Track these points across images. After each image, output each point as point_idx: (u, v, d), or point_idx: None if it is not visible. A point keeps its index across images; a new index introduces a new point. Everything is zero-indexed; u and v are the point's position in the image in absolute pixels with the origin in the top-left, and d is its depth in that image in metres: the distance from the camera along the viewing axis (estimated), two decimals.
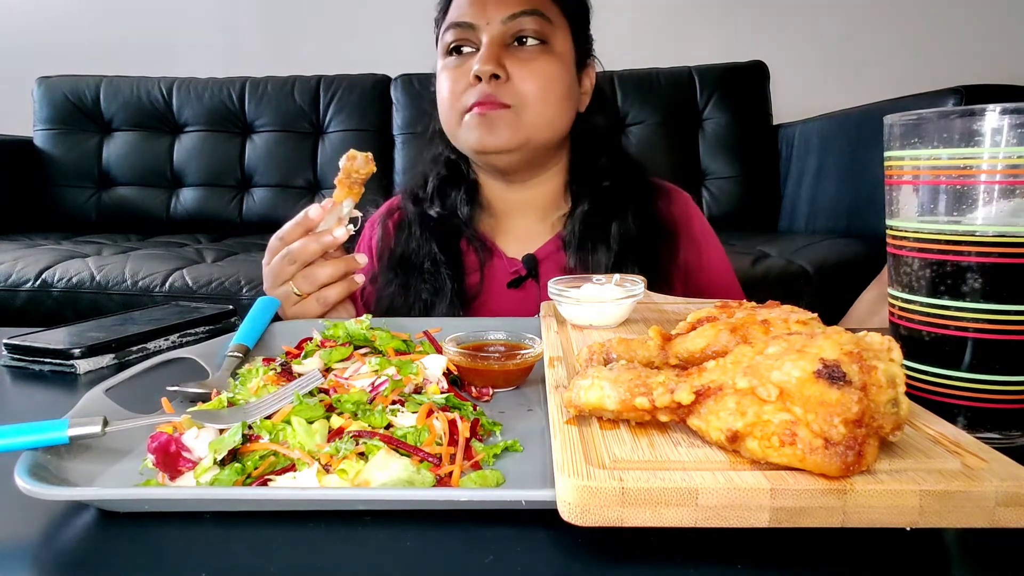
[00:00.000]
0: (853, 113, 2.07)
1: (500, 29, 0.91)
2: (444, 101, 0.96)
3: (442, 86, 0.96)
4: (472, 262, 1.00)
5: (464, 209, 1.01)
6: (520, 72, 0.91)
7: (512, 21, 0.91)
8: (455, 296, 0.96)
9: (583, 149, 1.02)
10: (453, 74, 0.94)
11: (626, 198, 0.99)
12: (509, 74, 0.91)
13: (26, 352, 0.73)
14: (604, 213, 0.97)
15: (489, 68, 0.89)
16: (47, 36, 2.99)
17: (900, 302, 0.52)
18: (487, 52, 0.90)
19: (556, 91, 0.94)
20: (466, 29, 0.93)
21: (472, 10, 0.92)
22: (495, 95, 0.90)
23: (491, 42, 0.91)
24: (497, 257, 1.02)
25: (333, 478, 0.43)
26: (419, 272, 0.98)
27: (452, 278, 0.97)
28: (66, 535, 0.39)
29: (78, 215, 2.65)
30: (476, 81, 0.91)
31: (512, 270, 1.01)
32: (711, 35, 2.75)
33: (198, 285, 1.81)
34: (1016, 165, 0.45)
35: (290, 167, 2.61)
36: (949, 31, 2.69)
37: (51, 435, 0.43)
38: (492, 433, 0.52)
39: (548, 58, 0.93)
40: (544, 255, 1.01)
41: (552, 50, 0.93)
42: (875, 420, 0.35)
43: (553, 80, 0.93)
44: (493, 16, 0.91)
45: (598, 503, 0.33)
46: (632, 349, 0.50)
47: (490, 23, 0.91)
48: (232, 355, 0.65)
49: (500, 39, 0.91)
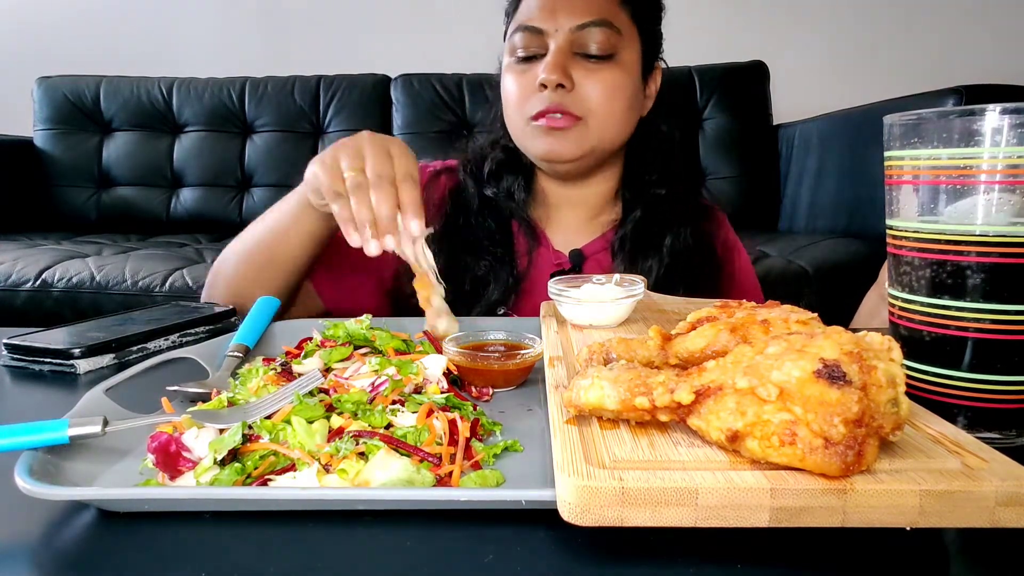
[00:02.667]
0: (853, 113, 2.07)
1: (568, 37, 0.90)
2: (510, 104, 0.96)
3: (508, 88, 0.96)
4: (521, 246, 1.01)
5: (520, 195, 1.02)
6: (586, 82, 0.91)
7: (581, 31, 0.90)
8: (511, 275, 0.97)
9: (640, 154, 1.02)
10: (519, 79, 0.94)
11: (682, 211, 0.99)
12: (575, 83, 0.90)
13: (26, 352, 0.73)
14: (658, 223, 0.97)
15: (555, 77, 0.88)
16: (47, 36, 2.99)
17: (900, 302, 0.52)
18: (553, 60, 0.89)
19: (621, 102, 0.93)
20: (534, 34, 0.92)
21: (542, 15, 0.91)
22: (562, 104, 0.90)
23: (558, 50, 0.90)
24: (544, 246, 1.03)
25: (333, 478, 0.43)
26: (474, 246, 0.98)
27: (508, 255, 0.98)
28: (66, 535, 0.39)
29: (78, 215, 2.65)
30: (542, 88, 0.90)
31: (556, 262, 1.02)
32: (711, 35, 2.75)
33: (198, 285, 1.81)
34: (1016, 165, 0.45)
35: (290, 167, 2.61)
36: (949, 31, 2.69)
37: (51, 435, 0.43)
38: (492, 433, 0.52)
39: (614, 68, 0.92)
40: (590, 252, 1.02)
41: (619, 60, 0.92)
42: (875, 420, 0.35)
43: (619, 91, 0.92)
44: (563, 24, 0.90)
45: (598, 503, 0.33)
46: (632, 349, 0.50)
47: (559, 30, 0.90)
48: (232, 355, 0.65)
49: (567, 47, 0.91)
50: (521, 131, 0.96)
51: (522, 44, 0.93)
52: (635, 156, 1.02)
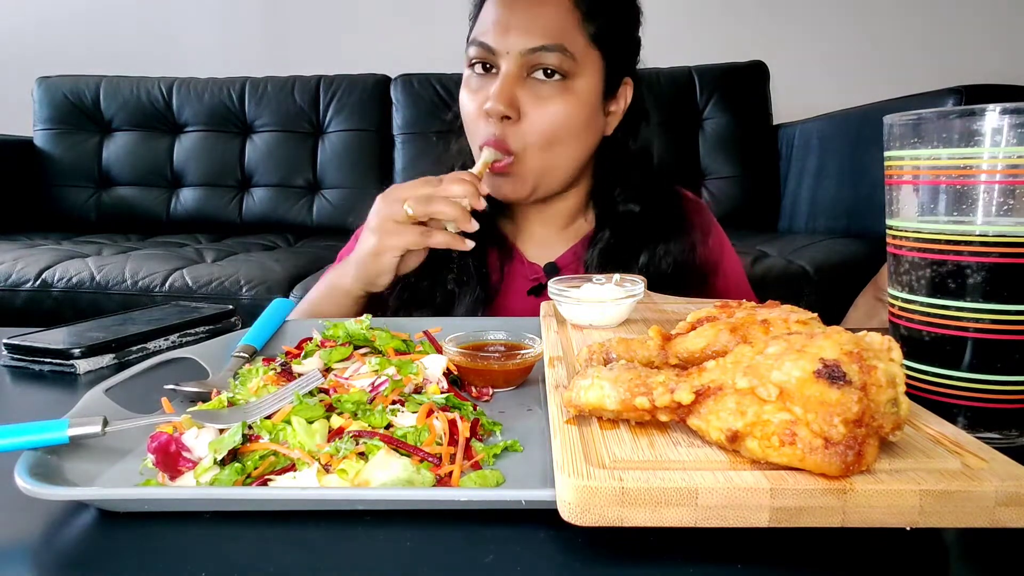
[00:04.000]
0: (853, 113, 2.07)
1: (519, 61, 0.87)
2: (465, 122, 0.95)
3: (462, 105, 0.95)
4: (493, 261, 1.00)
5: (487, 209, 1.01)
6: (533, 111, 0.87)
7: (532, 55, 0.86)
8: (481, 288, 0.96)
9: (607, 169, 1.00)
10: (472, 98, 0.92)
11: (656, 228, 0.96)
12: (521, 113, 0.88)
13: (26, 352, 0.73)
14: (630, 242, 0.95)
15: (500, 109, 0.86)
16: (47, 36, 2.99)
17: (900, 302, 0.52)
18: (500, 88, 0.86)
19: (569, 133, 0.90)
20: (487, 51, 0.90)
21: (494, 34, 0.88)
22: (503, 138, 0.88)
23: (507, 76, 0.87)
24: (517, 260, 1.02)
25: (333, 478, 0.43)
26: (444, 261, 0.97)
27: (477, 269, 0.97)
28: (66, 535, 0.39)
29: (78, 215, 2.65)
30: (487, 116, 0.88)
31: (532, 276, 1.00)
32: (711, 35, 2.75)
33: (198, 285, 1.81)
34: (1016, 165, 0.45)
35: (290, 167, 2.61)
36: (949, 31, 2.69)
37: (51, 435, 0.43)
38: (492, 433, 0.52)
39: (566, 98, 0.88)
40: (564, 264, 1.01)
41: (572, 88, 0.88)
42: (875, 420, 0.35)
43: (566, 122, 0.89)
44: (514, 45, 0.87)
45: (598, 503, 0.33)
46: (632, 349, 0.50)
47: (510, 52, 0.87)
48: (238, 355, 0.66)
49: (518, 71, 0.88)
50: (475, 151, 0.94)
51: (475, 56, 0.91)
52: (602, 171, 1.00)
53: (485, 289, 0.97)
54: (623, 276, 0.69)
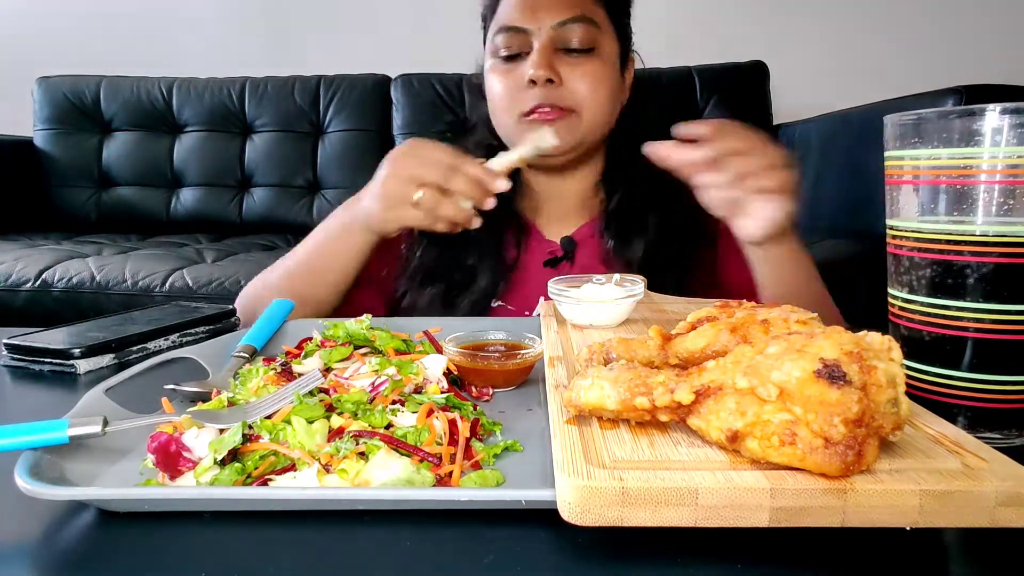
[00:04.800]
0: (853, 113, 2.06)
1: (551, 34, 0.93)
2: (498, 104, 0.98)
3: (495, 88, 0.98)
4: (510, 239, 1.03)
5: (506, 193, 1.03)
6: (572, 76, 0.93)
7: (562, 27, 0.93)
8: (497, 263, 0.99)
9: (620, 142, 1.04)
10: (506, 79, 0.96)
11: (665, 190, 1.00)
12: (562, 79, 0.93)
13: (26, 352, 0.73)
14: (642, 204, 1.00)
15: (544, 73, 0.91)
16: (47, 36, 2.99)
17: (900, 302, 0.52)
18: (540, 58, 0.92)
19: (606, 93, 0.96)
20: (517, 33, 0.94)
21: (524, 15, 0.94)
22: (552, 99, 0.93)
23: (543, 47, 0.92)
24: (535, 237, 1.05)
25: (333, 478, 0.43)
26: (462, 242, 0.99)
27: (495, 249, 1.00)
28: (66, 535, 0.39)
29: (78, 215, 2.65)
30: (531, 85, 0.93)
31: (549, 251, 1.03)
32: (711, 35, 2.75)
33: (198, 285, 1.81)
34: (1016, 165, 0.45)
35: (290, 167, 2.61)
36: (949, 31, 2.69)
37: (51, 435, 0.43)
38: (492, 433, 0.52)
39: (596, 61, 0.95)
40: (581, 238, 1.04)
41: (599, 53, 0.95)
42: (875, 420, 0.35)
43: (602, 82, 0.95)
44: (544, 21, 0.93)
45: (598, 503, 0.33)
46: (632, 349, 0.50)
47: (541, 28, 0.93)
48: (239, 355, 0.66)
49: (550, 44, 0.93)
50: (512, 129, 0.97)
51: (505, 44, 0.95)
52: (616, 145, 1.04)
53: (502, 263, 1.00)
54: (623, 276, 0.69)
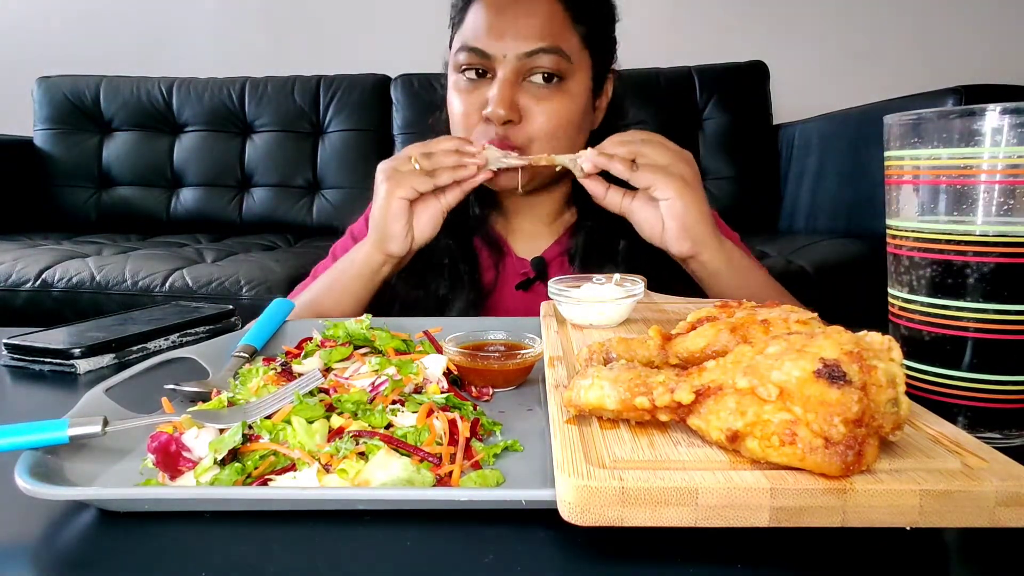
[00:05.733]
0: (853, 113, 2.07)
1: (515, 65, 0.87)
2: (456, 126, 0.94)
3: (454, 109, 0.94)
4: (486, 260, 1.01)
5: (476, 208, 1.02)
6: (534, 111, 0.88)
7: (529, 58, 0.87)
8: (472, 291, 0.96)
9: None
10: (466, 100, 0.91)
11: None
12: (522, 116, 0.88)
13: (26, 352, 0.73)
14: (610, 230, 0.95)
15: (503, 113, 0.86)
16: (47, 36, 2.99)
17: (900, 302, 0.52)
18: (501, 93, 0.86)
19: (567, 132, 0.91)
20: (481, 56, 0.88)
21: (489, 39, 0.88)
22: (508, 138, 0.88)
23: (506, 80, 0.87)
24: (509, 256, 1.03)
25: (333, 478, 0.43)
26: (436, 267, 0.98)
27: (469, 273, 0.97)
28: (66, 535, 0.39)
29: (78, 215, 2.65)
30: (487, 120, 0.88)
31: (522, 271, 1.02)
32: (711, 35, 2.75)
33: (198, 285, 1.81)
34: (1016, 165, 0.45)
35: (290, 167, 2.61)
36: (949, 31, 2.69)
37: (51, 435, 0.43)
38: (492, 433, 0.52)
39: (562, 97, 0.89)
40: (551, 257, 1.02)
41: (567, 87, 0.90)
42: (875, 420, 0.35)
43: (564, 121, 0.90)
44: (510, 49, 0.87)
45: (598, 503, 0.33)
46: (632, 349, 0.50)
47: (507, 56, 0.87)
48: (238, 355, 0.66)
49: (515, 76, 0.88)
50: None
51: (467, 62, 0.90)
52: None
53: (478, 290, 0.97)
54: (623, 276, 0.69)
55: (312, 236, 2.46)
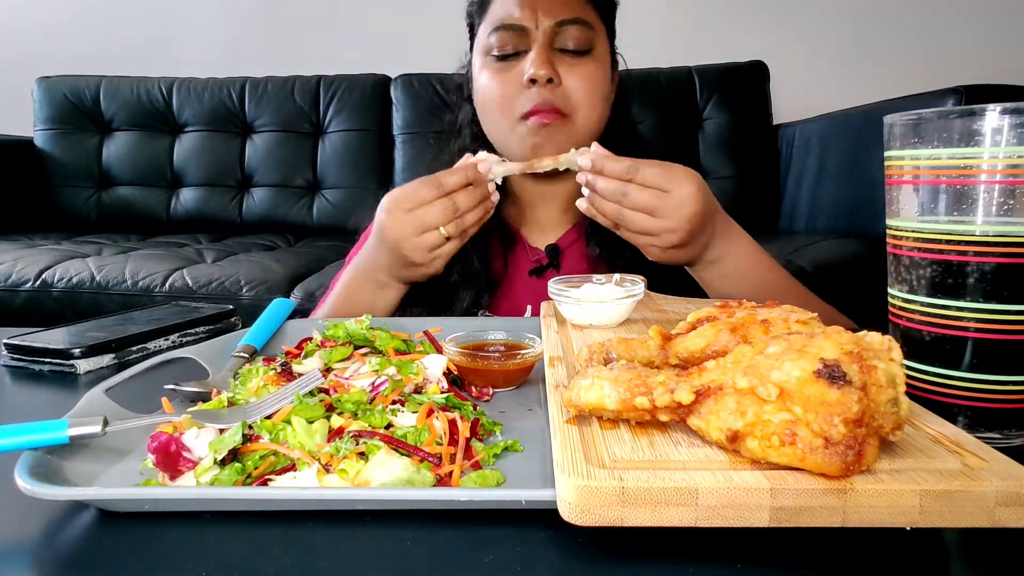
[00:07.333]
0: (853, 113, 2.06)
1: (549, 34, 0.92)
2: (492, 105, 0.95)
3: (489, 89, 0.95)
4: (496, 249, 1.02)
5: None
6: (569, 77, 0.92)
7: (560, 28, 0.92)
8: (482, 278, 0.98)
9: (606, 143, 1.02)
10: (501, 78, 0.94)
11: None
12: (560, 79, 0.92)
13: (26, 352, 0.73)
14: None
15: (545, 72, 0.90)
16: (47, 36, 2.99)
17: (900, 302, 0.52)
18: (540, 56, 0.90)
19: (601, 96, 0.96)
20: (514, 32, 0.93)
21: (522, 13, 0.92)
22: (552, 101, 0.91)
23: (543, 46, 0.91)
24: (520, 246, 1.04)
25: (333, 478, 0.43)
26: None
27: (480, 260, 0.98)
28: (66, 535, 0.39)
29: (78, 215, 2.65)
30: (530, 84, 0.91)
31: (534, 259, 1.03)
32: (711, 35, 2.75)
33: (198, 285, 1.81)
34: (1016, 165, 0.45)
35: (290, 167, 2.61)
36: (949, 31, 2.69)
37: (51, 435, 0.43)
38: (492, 433, 0.52)
39: (592, 63, 0.94)
40: (566, 244, 1.03)
41: (594, 55, 0.95)
42: (875, 420, 0.35)
43: (598, 84, 0.95)
44: (543, 20, 0.92)
45: (598, 503, 0.33)
46: (632, 349, 0.50)
47: (540, 27, 0.92)
48: (238, 355, 0.66)
49: (549, 43, 0.92)
50: (508, 131, 0.95)
51: (500, 43, 0.93)
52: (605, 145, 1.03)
53: (488, 277, 0.99)
54: (623, 276, 0.69)
55: (312, 236, 2.46)
